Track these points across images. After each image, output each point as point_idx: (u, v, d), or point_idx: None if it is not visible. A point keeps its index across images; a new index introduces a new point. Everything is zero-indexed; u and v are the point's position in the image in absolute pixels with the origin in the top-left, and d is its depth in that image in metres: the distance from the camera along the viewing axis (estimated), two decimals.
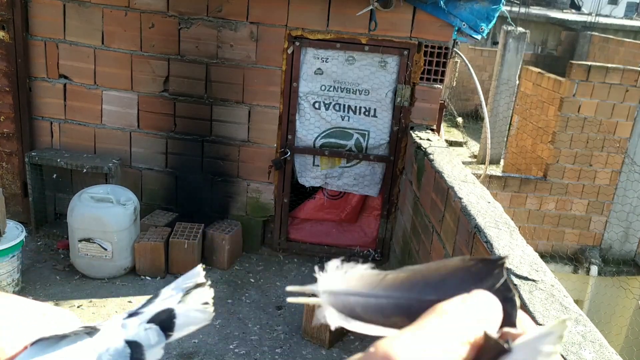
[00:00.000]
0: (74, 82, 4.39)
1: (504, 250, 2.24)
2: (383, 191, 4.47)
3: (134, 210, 3.98)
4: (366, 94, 4.24)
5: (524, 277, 2.03)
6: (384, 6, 3.95)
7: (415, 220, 3.73)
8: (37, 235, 4.51)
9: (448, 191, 2.99)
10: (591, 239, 6.62)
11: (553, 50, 13.77)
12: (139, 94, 4.36)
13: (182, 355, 3.36)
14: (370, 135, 4.32)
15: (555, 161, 6.35)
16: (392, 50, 4.10)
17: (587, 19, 14.00)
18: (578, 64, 6.12)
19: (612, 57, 11.19)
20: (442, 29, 4.03)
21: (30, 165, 4.33)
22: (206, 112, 4.36)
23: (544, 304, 1.87)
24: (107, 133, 4.47)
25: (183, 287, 0.42)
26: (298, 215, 4.69)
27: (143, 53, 4.26)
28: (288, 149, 4.35)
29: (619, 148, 6.28)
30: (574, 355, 1.61)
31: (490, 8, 3.95)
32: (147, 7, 4.16)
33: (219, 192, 4.52)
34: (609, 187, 6.42)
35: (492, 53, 11.44)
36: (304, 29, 4.10)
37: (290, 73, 4.20)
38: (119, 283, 4.00)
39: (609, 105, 6.16)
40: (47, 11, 4.23)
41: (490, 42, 13.90)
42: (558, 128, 6.24)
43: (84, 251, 3.92)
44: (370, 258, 4.58)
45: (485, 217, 2.56)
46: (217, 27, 4.16)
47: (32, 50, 4.33)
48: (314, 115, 4.31)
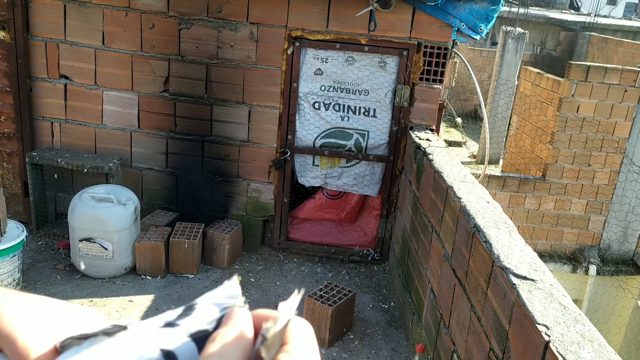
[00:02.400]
0: (75, 82, 4.40)
1: (503, 249, 2.26)
2: (382, 191, 4.49)
3: (134, 210, 3.99)
4: (366, 94, 4.25)
5: (523, 277, 2.04)
6: (384, 7, 3.96)
7: (415, 220, 3.75)
8: (37, 234, 4.52)
9: (447, 191, 3.00)
10: (590, 238, 6.64)
11: (552, 51, 13.79)
12: (139, 94, 4.37)
13: None
14: (370, 136, 4.34)
15: (554, 161, 6.36)
16: (392, 51, 4.11)
17: (586, 20, 14.02)
18: (577, 64, 6.14)
19: (611, 57, 11.21)
20: (441, 29, 4.05)
21: (31, 165, 4.34)
22: (206, 112, 4.37)
23: (543, 303, 1.89)
24: (108, 133, 4.49)
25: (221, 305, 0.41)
26: (298, 215, 4.70)
27: (143, 53, 4.27)
28: (288, 149, 4.37)
29: (618, 148, 6.30)
30: (573, 354, 1.63)
31: (490, 9, 3.96)
32: (147, 7, 4.17)
33: (219, 192, 4.54)
34: (608, 187, 6.44)
35: (491, 53, 11.46)
36: (304, 30, 4.11)
37: (290, 73, 4.21)
38: (119, 282, 4.01)
39: (607, 106, 6.17)
40: (47, 11, 4.24)
41: (489, 42, 13.92)
42: (557, 128, 6.26)
43: (84, 251, 3.93)
44: (370, 258, 4.60)
45: (484, 216, 2.57)
46: (217, 28, 4.18)
47: (33, 51, 4.34)
48: (314, 115, 4.32)
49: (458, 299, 2.67)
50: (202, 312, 0.41)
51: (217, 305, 0.41)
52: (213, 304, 0.41)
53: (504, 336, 2.03)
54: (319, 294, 3.58)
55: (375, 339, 3.70)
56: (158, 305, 3.80)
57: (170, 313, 0.42)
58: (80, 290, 3.90)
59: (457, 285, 2.69)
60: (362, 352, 3.56)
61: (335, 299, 3.55)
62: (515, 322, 1.95)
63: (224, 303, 0.41)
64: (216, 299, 0.42)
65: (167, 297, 3.90)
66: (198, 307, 0.41)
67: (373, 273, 4.52)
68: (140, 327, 0.40)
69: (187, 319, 0.41)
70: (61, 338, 0.38)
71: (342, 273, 4.48)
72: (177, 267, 4.15)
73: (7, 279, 3.64)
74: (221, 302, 0.41)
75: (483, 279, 2.32)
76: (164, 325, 0.40)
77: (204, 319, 0.41)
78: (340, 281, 4.29)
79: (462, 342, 2.54)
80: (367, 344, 3.64)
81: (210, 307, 0.41)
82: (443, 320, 2.90)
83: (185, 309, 0.42)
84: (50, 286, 3.92)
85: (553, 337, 1.70)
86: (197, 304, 0.42)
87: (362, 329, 3.79)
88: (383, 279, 4.44)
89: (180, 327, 0.40)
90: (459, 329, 2.62)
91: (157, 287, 4.00)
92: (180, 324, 0.40)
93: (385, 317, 3.96)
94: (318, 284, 4.09)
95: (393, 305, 4.10)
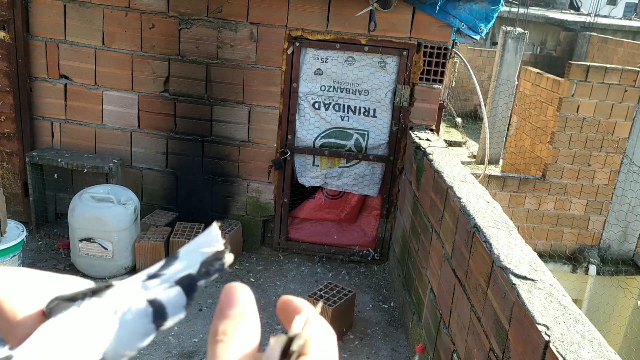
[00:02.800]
0: (75, 83, 4.40)
1: (503, 249, 2.26)
2: (382, 191, 4.49)
3: (134, 210, 3.99)
4: (366, 94, 4.25)
5: (522, 277, 2.04)
6: (384, 7, 3.96)
7: (415, 220, 3.75)
8: (37, 234, 4.52)
9: (447, 191, 3.00)
10: (590, 238, 6.64)
11: (552, 51, 13.79)
12: (139, 94, 4.37)
13: (183, 354, 3.37)
14: (370, 136, 4.34)
15: (554, 161, 6.36)
16: (392, 51, 4.11)
17: (586, 20, 14.02)
18: (577, 64, 6.14)
19: (611, 57, 11.21)
20: (441, 29, 4.05)
21: (30, 165, 4.34)
22: (206, 112, 4.37)
23: (543, 303, 1.89)
24: (108, 133, 4.49)
25: (202, 253, 0.41)
26: (298, 215, 4.70)
27: (143, 53, 4.27)
28: (288, 149, 4.37)
29: (618, 148, 6.30)
30: (573, 354, 1.63)
31: (489, 9, 3.96)
32: (147, 7, 4.17)
33: (219, 192, 4.54)
34: (608, 187, 6.44)
35: (491, 53, 11.46)
36: (304, 30, 4.11)
37: (290, 73, 4.21)
38: None
39: (607, 106, 6.17)
40: (47, 11, 4.24)
41: (489, 42, 13.92)
42: (557, 128, 6.26)
43: (84, 251, 3.93)
44: (370, 258, 4.60)
45: (484, 216, 2.57)
46: (217, 28, 4.18)
47: (33, 51, 4.34)
48: (314, 115, 4.32)
49: (458, 299, 2.67)
50: (184, 259, 0.42)
51: (199, 253, 0.42)
52: (194, 251, 0.42)
53: (504, 336, 2.03)
54: (319, 294, 3.58)
55: (375, 339, 3.70)
56: None
57: (154, 266, 0.42)
58: None
59: (457, 285, 2.69)
60: (362, 352, 3.56)
61: (335, 299, 3.55)
62: (515, 322, 1.95)
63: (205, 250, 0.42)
64: (197, 246, 0.42)
65: None
66: (180, 255, 0.42)
67: (373, 273, 4.52)
68: (125, 283, 0.41)
69: (170, 267, 0.41)
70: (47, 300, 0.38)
71: (342, 273, 4.48)
72: None
73: None
74: (202, 249, 0.42)
75: (483, 279, 2.33)
76: (147, 278, 0.41)
77: (187, 264, 0.41)
78: (340, 281, 4.29)
79: (462, 342, 2.54)
80: (367, 344, 3.64)
81: (192, 254, 0.42)
82: (443, 320, 2.90)
83: (168, 259, 0.42)
84: None
85: (553, 337, 1.70)
86: (178, 252, 0.43)
87: (362, 329, 3.79)
88: (383, 279, 4.44)
89: (165, 276, 0.41)
90: (459, 329, 2.62)
91: None
92: (164, 274, 0.41)
93: (385, 317, 3.96)
94: (318, 284, 4.09)
95: (393, 305, 4.10)
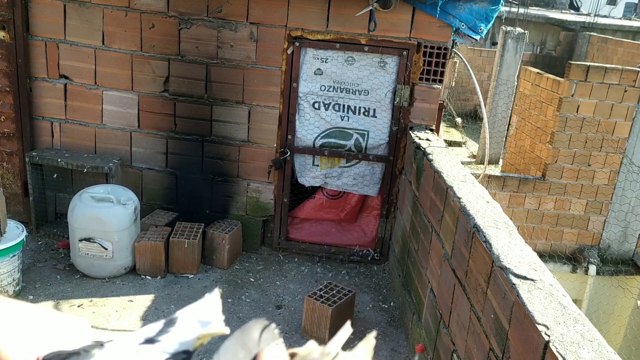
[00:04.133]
0: (75, 82, 4.40)
1: (503, 249, 2.26)
2: (382, 191, 4.49)
3: (134, 210, 3.99)
4: (365, 94, 4.25)
5: (522, 277, 2.04)
6: (384, 7, 3.96)
7: (415, 220, 3.75)
8: (37, 234, 4.52)
9: (447, 191, 3.00)
10: (590, 238, 6.64)
11: (552, 51, 13.79)
12: (139, 94, 4.37)
13: None
14: (370, 136, 4.34)
15: (554, 161, 6.36)
16: (392, 51, 4.11)
17: (586, 20, 14.01)
18: (577, 64, 6.14)
19: (611, 57, 11.21)
20: (441, 29, 4.05)
21: (30, 165, 4.34)
22: (206, 112, 4.37)
23: (543, 303, 1.89)
24: (108, 133, 4.49)
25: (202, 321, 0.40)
26: (298, 214, 4.70)
27: (143, 53, 4.27)
28: (288, 149, 4.37)
29: (618, 148, 6.30)
30: (573, 354, 1.63)
31: (489, 9, 3.96)
32: (147, 7, 4.17)
33: (219, 192, 4.54)
34: (608, 187, 6.44)
35: (491, 53, 11.46)
36: (304, 30, 4.11)
37: (290, 73, 4.21)
38: (119, 282, 4.01)
39: (607, 106, 6.17)
40: (47, 11, 4.24)
41: (489, 42, 13.92)
42: (557, 128, 6.26)
43: (84, 251, 3.93)
44: (370, 258, 4.60)
45: (484, 216, 2.57)
46: (217, 28, 4.18)
47: (33, 51, 4.34)
48: (314, 115, 4.32)
49: (458, 299, 2.67)
50: (183, 328, 0.40)
51: (199, 322, 0.40)
52: (194, 320, 0.40)
53: (504, 336, 2.04)
54: (319, 294, 3.58)
55: (375, 339, 3.70)
56: (158, 305, 3.80)
57: (151, 327, 0.40)
58: (80, 290, 3.90)
59: (457, 285, 2.69)
60: None
61: (335, 299, 3.55)
62: (515, 322, 1.95)
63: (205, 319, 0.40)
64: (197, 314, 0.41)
65: (167, 297, 3.90)
66: (178, 322, 0.41)
67: (373, 273, 4.52)
68: (120, 344, 0.39)
69: (167, 335, 0.40)
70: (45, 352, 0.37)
71: (342, 273, 4.48)
72: (177, 267, 4.15)
73: (7, 279, 3.64)
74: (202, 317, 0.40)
75: (483, 279, 2.33)
76: (143, 341, 0.39)
77: (185, 335, 0.40)
78: (340, 281, 4.29)
79: (462, 342, 2.54)
80: None
81: (191, 323, 0.40)
82: (443, 320, 2.90)
83: (166, 323, 0.41)
84: (50, 286, 3.92)
85: (553, 337, 1.70)
86: (177, 318, 0.41)
87: (361, 329, 3.79)
88: (383, 279, 4.44)
89: (161, 344, 0.39)
90: (458, 328, 2.62)
91: (157, 287, 4.00)
92: (160, 340, 0.39)
93: (385, 317, 3.96)
94: (318, 284, 4.09)
95: (393, 305, 4.10)
